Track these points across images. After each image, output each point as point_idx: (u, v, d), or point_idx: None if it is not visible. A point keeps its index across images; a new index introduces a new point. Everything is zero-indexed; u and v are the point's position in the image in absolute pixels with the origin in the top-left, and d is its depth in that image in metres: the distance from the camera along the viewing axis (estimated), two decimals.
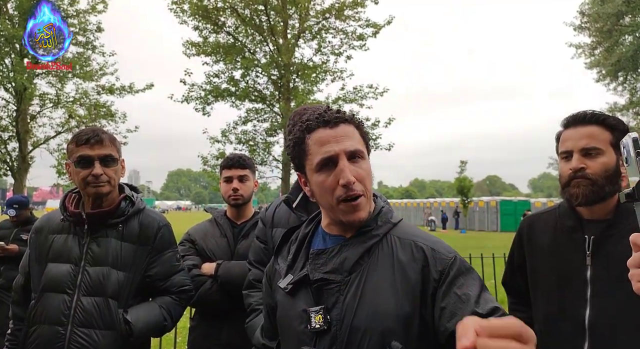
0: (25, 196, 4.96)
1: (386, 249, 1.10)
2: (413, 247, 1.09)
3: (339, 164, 1.06)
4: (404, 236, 1.13)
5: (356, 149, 1.08)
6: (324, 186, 1.08)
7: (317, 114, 1.11)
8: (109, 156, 1.72)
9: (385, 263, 1.08)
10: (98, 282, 1.66)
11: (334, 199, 1.07)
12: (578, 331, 1.43)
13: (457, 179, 29.19)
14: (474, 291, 1.02)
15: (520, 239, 1.72)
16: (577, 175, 1.45)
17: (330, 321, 1.05)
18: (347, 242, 1.11)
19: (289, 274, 1.15)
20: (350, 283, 1.07)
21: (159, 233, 1.83)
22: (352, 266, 1.08)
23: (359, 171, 1.07)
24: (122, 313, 1.67)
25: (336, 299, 1.06)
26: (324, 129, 1.09)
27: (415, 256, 1.08)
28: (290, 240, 1.26)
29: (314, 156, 1.09)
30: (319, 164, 1.08)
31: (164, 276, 1.82)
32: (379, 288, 1.05)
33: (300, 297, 1.11)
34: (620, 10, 21.14)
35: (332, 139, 1.07)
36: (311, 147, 1.10)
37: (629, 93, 23.21)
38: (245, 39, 15.89)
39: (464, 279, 1.04)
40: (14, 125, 14.14)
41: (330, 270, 1.09)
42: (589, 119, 1.48)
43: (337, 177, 1.05)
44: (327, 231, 1.18)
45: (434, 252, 1.08)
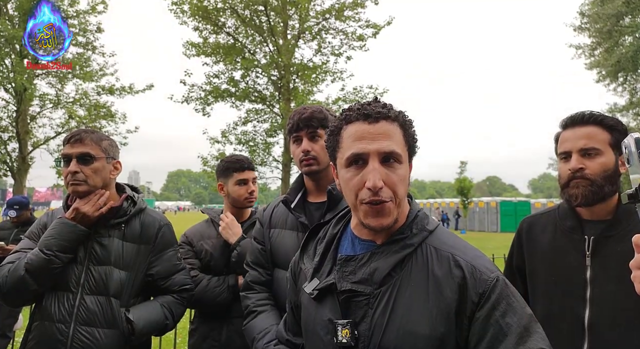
0: (25, 196, 4.96)
1: (421, 261, 1.01)
2: (451, 261, 0.99)
3: (369, 164, 0.98)
4: (441, 247, 1.03)
5: (392, 151, 0.98)
6: (349, 184, 1.00)
7: (360, 105, 1.03)
8: (86, 154, 1.72)
9: (420, 277, 0.99)
10: (101, 281, 1.69)
11: (358, 200, 0.99)
12: (578, 331, 1.43)
13: (457, 179, 29.19)
14: (518, 321, 0.92)
15: (519, 240, 1.72)
16: (576, 175, 1.45)
17: (357, 337, 0.98)
18: (378, 250, 1.03)
19: (315, 278, 1.09)
20: (380, 297, 0.99)
21: (160, 232, 1.85)
22: (383, 278, 1.00)
23: (391, 176, 0.98)
24: (124, 311, 1.69)
25: (364, 313, 0.99)
26: (362, 123, 1.00)
27: (453, 272, 0.98)
28: (318, 238, 1.18)
29: (346, 150, 1.01)
30: (348, 160, 1.00)
31: (165, 275, 1.84)
32: (411, 304, 0.97)
33: (327, 305, 1.04)
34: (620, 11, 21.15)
35: (367, 135, 0.99)
36: (345, 140, 1.02)
37: (629, 94, 23.21)
38: (245, 40, 15.89)
39: (507, 305, 0.93)
40: (14, 125, 14.15)
41: (359, 280, 1.01)
42: (587, 119, 1.48)
43: (364, 179, 0.97)
44: (356, 234, 1.10)
45: (474, 271, 0.97)
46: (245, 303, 1.74)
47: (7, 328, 4.29)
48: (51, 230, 1.69)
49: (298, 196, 1.78)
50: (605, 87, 23.63)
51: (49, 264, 1.62)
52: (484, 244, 16.48)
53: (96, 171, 1.74)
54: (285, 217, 1.77)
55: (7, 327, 4.29)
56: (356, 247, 1.08)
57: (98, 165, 1.74)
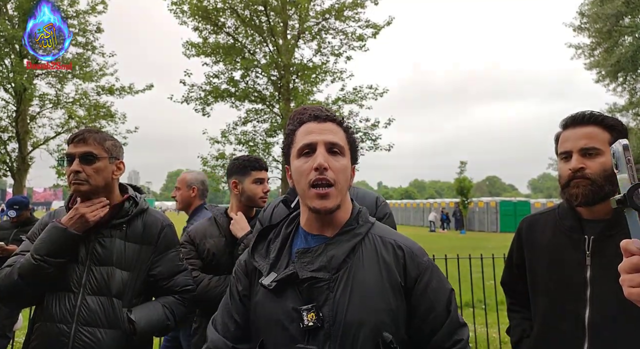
0: (25, 196, 4.96)
1: (369, 247, 1.18)
2: (395, 247, 1.19)
3: (316, 151, 1.14)
4: (385, 235, 1.22)
5: (336, 142, 1.16)
6: (300, 170, 1.15)
7: (312, 111, 1.23)
8: (89, 154, 1.72)
9: (371, 260, 1.15)
10: (103, 281, 1.69)
11: (307, 182, 1.13)
12: (578, 330, 1.43)
13: (456, 179, 29.18)
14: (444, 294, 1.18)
15: (519, 240, 1.72)
16: (576, 175, 1.45)
17: (322, 318, 1.08)
18: (332, 241, 1.16)
19: (272, 272, 1.17)
20: (339, 280, 1.11)
21: (162, 233, 1.85)
22: (340, 263, 1.13)
23: (334, 163, 1.14)
24: (125, 312, 1.69)
25: (326, 297, 1.10)
26: (312, 123, 1.20)
27: (397, 254, 1.17)
28: (269, 239, 1.28)
29: (297, 143, 1.18)
30: (300, 150, 1.17)
31: (167, 275, 1.84)
32: (367, 283, 1.12)
33: (287, 295, 1.13)
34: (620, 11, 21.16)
35: (316, 130, 1.17)
36: (297, 137, 1.20)
37: (629, 94, 23.23)
38: (245, 40, 15.90)
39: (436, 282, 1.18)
40: (14, 125, 14.15)
41: (317, 268, 1.12)
42: (588, 119, 1.49)
43: (313, 163, 1.13)
44: (307, 230, 1.22)
45: (412, 254, 1.19)
46: None
47: (6, 328, 4.28)
48: (43, 234, 1.69)
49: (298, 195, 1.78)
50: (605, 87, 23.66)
51: (38, 269, 1.61)
52: (484, 244, 16.46)
53: (98, 170, 1.73)
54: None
55: (7, 327, 4.29)
56: (309, 242, 1.20)
57: (100, 165, 1.74)
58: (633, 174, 0.74)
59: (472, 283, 4.64)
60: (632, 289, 0.77)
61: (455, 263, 4.68)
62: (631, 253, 0.78)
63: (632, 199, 0.74)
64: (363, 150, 15.45)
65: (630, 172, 0.74)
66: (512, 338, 1.74)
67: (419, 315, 1.15)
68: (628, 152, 0.74)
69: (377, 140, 15.50)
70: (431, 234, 25.63)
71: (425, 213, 33.57)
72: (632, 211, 0.75)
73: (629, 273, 0.78)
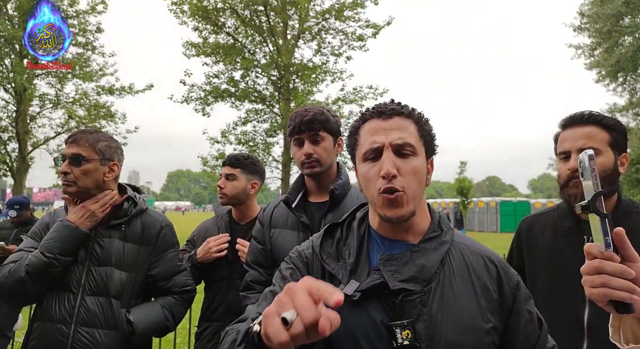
0: (26, 196, 4.96)
1: (457, 257, 1.05)
2: (484, 257, 1.06)
3: (383, 155, 1.01)
4: (469, 244, 1.09)
5: (404, 143, 1.01)
6: (367, 177, 1.04)
7: (376, 105, 1.08)
8: (77, 155, 1.71)
9: (462, 272, 1.03)
10: (101, 282, 1.68)
11: (375, 190, 1.01)
12: (577, 331, 1.44)
13: (456, 179, 29.15)
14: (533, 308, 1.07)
15: (519, 240, 1.72)
16: (575, 175, 1.45)
17: (418, 337, 0.94)
18: (417, 249, 1.03)
19: (352, 280, 1.02)
20: (432, 294, 0.98)
21: (161, 233, 1.84)
22: (431, 275, 1.00)
23: (404, 166, 1.00)
24: (124, 312, 1.69)
25: (419, 312, 0.96)
26: (376, 120, 1.05)
27: (489, 267, 1.05)
28: (337, 238, 1.13)
29: (362, 146, 1.06)
30: (365, 154, 1.04)
31: (166, 276, 1.84)
32: (461, 299, 0.99)
33: (372, 307, 0.98)
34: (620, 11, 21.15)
35: (381, 130, 1.03)
36: (361, 137, 1.07)
37: (629, 94, 23.22)
38: (245, 40, 15.90)
39: (528, 296, 1.08)
40: (14, 125, 14.16)
41: (406, 278, 0.98)
42: (587, 119, 1.49)
43: (379, 169, 1.00)
44: (383, 235, 1.08)
45: (503, 266, 1.07)
46: (245, 303, 1.74)
47: (6, 328, 4.28)
48: (52, 233, 1.68)
49: (299, 196, 1.78)
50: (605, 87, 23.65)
51: (49, 267, 1.62)
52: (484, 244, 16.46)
53: (86, 172, 1.72)
54: (286, 217, 1.77)
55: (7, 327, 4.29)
56: (387, 247, 1.06)
57: (89, 167, 1.72)
58: (597, 183, 0.80)
59: None
60: (593, 289, 0.83)
61: None
62: (593, 256, 0.84)
63: (595, 206, 0.80)
64: None
65: (595, 181, 0.80)
66: None
67: (517, 331, 1.02)
68: (593, 162, 0.80)
69: None
70: None
71: None
72: (595, 216, 0.81)
73: (590, 275, 0.84)
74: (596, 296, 0.83)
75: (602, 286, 0.81)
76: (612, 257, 0.81)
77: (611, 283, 0.80)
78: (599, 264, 0.82)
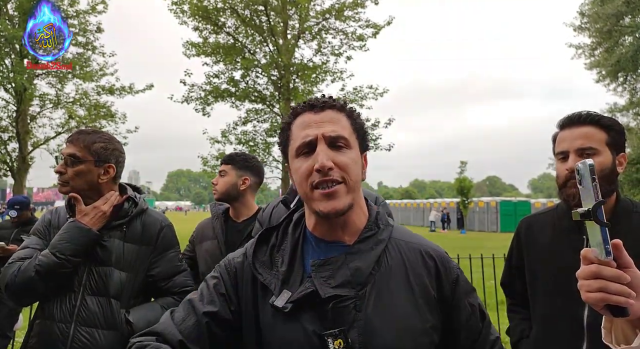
0: (26, 196, 4.97)
1: (395, 255, 1.01)
2: (423, 253, 1.03)
3: (317, 148, 0.96)
4: (408, 239, 1.06)
5: (338, 135, 0.97)
6: (300, 172, 0.98)
7: (307, 99, 1.04)
8: (71, 155, 1.72)
9: (399, 271, 0.99)
10: (101, 281, 1.69)
11: (308, 185, 0.96)
12: (576, 331, 1.44)
13: (457, 179, 29.16)
14: (476, 299, 1.06)
15: (518, 240, 1.72)
16: (573, 175, 1.45)
17: (351, 345, 0.90)
18: (352, 250, 0.99)
19: (285, 290, 0.97)
20: (366, 298, 0.94)
21: (161, 233, 1.84)
22: (366, 277, 0.96)
23: (341, 157, 0.96)
24: (124, 313, 1.69)
25: (353, 318, 0.92)
26: (308, 113, 1.01)
27: (428, 264, 1.02)
28: (271, 244, 1.07)
29: (295, 141, 1.01)
30: (298, 149, 0.99)
31: (166, 276, 1.83)
32: (398, 301, 0.96)
33: (305, 317, 0.94)
34: (620, 11, 21.15)
35: (313, 123, 0.99)
36: (294, 132, 1.02)
37: (629, 94, 23.22)
38: (245, 40, 15.90)
39: (469, 288, 1.06)
40: (14, 125, 14.16)
41: (339, 284, 0.94)
42: (584, 119, 1.49)
43: (314, 162, 0.95)
44: (319, 237, 1.03)
45: (443, 260, 1.04)
46: None
47: (7, 328, 4.29)
48: (65, 233, 1.67)
49: (298, 195, 1.78)
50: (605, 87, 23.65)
51: (60, 268, 1.62)
52: (484, 244, 16.47)
53: (79, 173, 1.71)
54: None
55: (7, 327, 4.30)
56: (322, 250, 1.01)
57: (82, 168, 1.72)
58: (597, 192, 0.82)
59: (472, 283, 4.63)
60: (590, 294, 0.84)
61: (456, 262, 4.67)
62: (590, 261, 0.85)
63: (595, 215, 0.81)
64: None
65: (595, 191, 0.82)
66: (511, 338, 1.74)
67: (458, 327, 1.01)
68: (594, 172, 0.82)
69: (377, 140, 15.52)
70: (431, 234, 25.62)
71: (425, 213, 33.54)
72: (594, 224, 0.82)
73: (586, 279, 0.85)
74: (593, 300, 0.84)
75: (599, 291, 0.83)
76: (609, 262, 0.83)
77: (609, 288, 0.82)
78: (597, 269, 0.83)
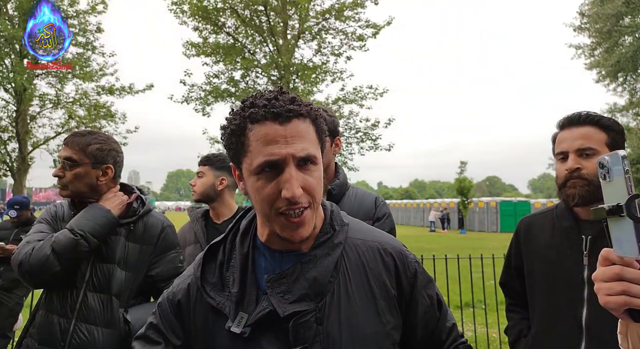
0: (26, 196, 4.97)
1: (353, 257, 0.96)
2: (380, 250, 0.99)
3: (285, 171, 0.85)
4: (366, 237, 1.00)
5: (308, 154, 0.87)
6: (262, 194, 0.87)
7: (266, 101, 0.87)
8: (68, 158, 1.72)
9: (358, 275, 0.94)
10: (104, 279, 1.69)
11: (272, 210, 0.87)
12: (575, 331, 1.44)
13: (457, 179, 29.16)
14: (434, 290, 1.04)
15: (517, 240, 1.73)
16: (573, 175, 1.46)
17: None
18: (307, 259, 0.92)
19: (240, 312, 0.90)
20: (326, 309, 0.89)
21: (163, 234, 1.85)
22: (325, 287, 0.90)
23: (309, 180, 0.87)
24: (122, 312, 1.69)
25: (315, 333, 0.87)
26: (272, 124, 0.86)
27: (385, 261, 0.98)
28: (219, 261, 0.98)
29: (255, 155, 0.86)
30: (259, 167, 0.86)
31: (165, 277, 1.83)
32: (359, 307, 0.91)
33: (264, 339, 0.88)
34: (620, 11, 21.16)
35: (280, 138, 0.85)
36: (252, 144, 0.87)
37: (629, 94, 23.23)
38: (245, 40, 15.90)
39: (427, 280, 1.04)
40: (14, 125, 14.16)
41: (297, 298, 0.88)
42: (584, 120, 1.49)
43: (279, 187, 0.85)
44: (272, 247, 0.95)
45: (401, 256, 1.00)
46: None
47: (7, 328, 4.29)
48: (84, 212, 1.68)
49: None
50: (605, 88, 23.66)
51: (77, 246, 1.59)
52: (484, 244, 16.47)
53: (77, 176, 1.72)
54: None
55: (7, 327, 4.30)
56: (277, 261, 0.94)
57: (80, 171, 1.72)
58: (631, 185, 0.74)
59: (472, 283, 4.64)
60: (610, 297, 0.78)
61: (455, 263, 4.68)
62: (611, 262, 0.80)
63: (630, 210, 0.73)
64: (363, 150, 15.50)
65: (628, 183, 0.74)
66: (509, 338, 1.75)
67: (417, 320, 0.99)
68: (627, 163, 0.74)
69: (377, 140, 15.51)
70: (431, 234, 25.63)
71: (425, 213, 33.55)
72: (620, 220, 0.75)
73: (606, 282, 0.80)
74: (614, 304, 0.78)
75: (622, 294, 0.77)
76: (632, 263, 0.77)
77: (632, 291, 0.76)
78: (620, 271, 0.77)
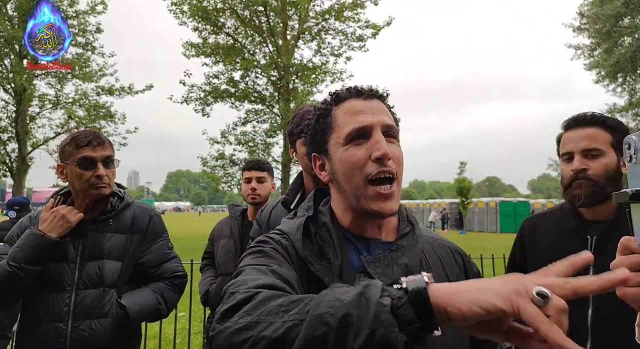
0: (25, 197, 4.97)
1: (430, 252, 1.00)
2: (452, 251, 1.04)
3: (373, 135, 0.88)
4: (437, 237, 1.06)
5: (393, 126, 0.92)
6: (352, 161, 0.88)
7: (347, 87, 0.96)
8: (110, 157, 1.77)
9: (437, 267, 0.98)
10: (95, 275, 1.70)
11: (363, 177, 0.88)
12: (580, 331, 1.43)
13: (456, 180, 29.19)
14: None
15: (521, 240, 1.72)
16: (578, 176, 1.45)
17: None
18: (396, 246, 0.94)
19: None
20: None
21: (151, 222, 1.89)
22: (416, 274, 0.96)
23: (395, 150, 0.90)
24: (115, 298, 1.71)
25: None
26: (356, 100, 0.93)
27: (457, 260, 1.04)
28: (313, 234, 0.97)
29: (344, 127, 0.91)
30: (349, 135, 0.89)
31: (156, 263, 1.87)
32: None
33: None
34: (620, 12, 21.18)
35: (367, 109, 0.91)
36: (340, 118, 0.93)
37: (628, 94, 23.24)
38: (245, 40, 15.91)
39: None
40: (14, 126, 14.15)
41: (392, 283, 0.89)
42: (589, 120, 1.49)
43: (370, 151, 0.87)
44: (355, 232, 0.96)
45: (467, 257, 1.07)
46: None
47: (6, 328, 4.28)
48: (20, 240, 1.66)
49: (297, 196, 1.77)
50: (605, 88, 23.68)
51: (14, 277, 1.58)
52: (484, 245, 16.47)
53: (114, 173, 1.80)
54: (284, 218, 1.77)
55: (7, 327, 4.28)
56: (364, 247, 0.95)
57: (115, 167, 1.80)
58: None
59: None
60: (629, 289, 0.75)
61: None
62: (632, 251, 0.75)
63: None
64: None
65: None
66: None
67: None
68: None
69: None
70: None
71: (425, 213, 33.55)
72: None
73: None
74: (632, 295, 0.75)
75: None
76: None
77: None
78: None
